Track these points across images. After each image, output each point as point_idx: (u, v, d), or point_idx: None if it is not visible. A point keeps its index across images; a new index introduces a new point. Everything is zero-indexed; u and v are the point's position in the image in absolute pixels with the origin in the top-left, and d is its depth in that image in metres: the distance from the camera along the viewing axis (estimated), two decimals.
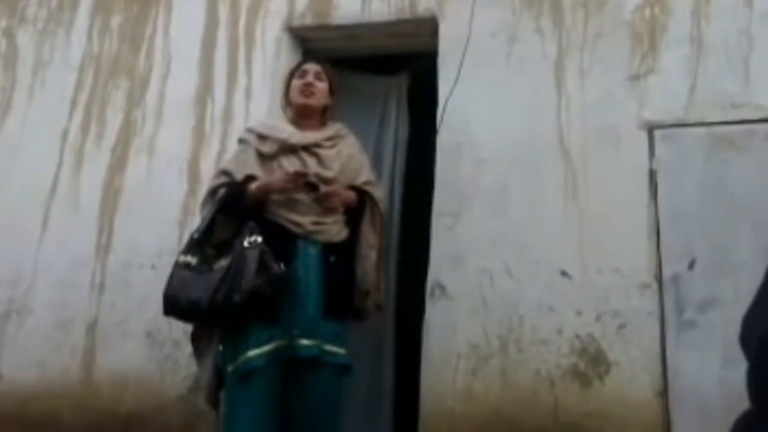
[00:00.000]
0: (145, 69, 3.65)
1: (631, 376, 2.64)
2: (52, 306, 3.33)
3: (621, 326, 2.69)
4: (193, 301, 2.42)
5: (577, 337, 2.72)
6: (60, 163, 3.57)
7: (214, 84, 3.53)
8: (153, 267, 3.23)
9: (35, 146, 3.63)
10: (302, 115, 2.79)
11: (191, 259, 2.52)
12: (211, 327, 2.56)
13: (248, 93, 3.46)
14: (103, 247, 3.37)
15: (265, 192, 2.57)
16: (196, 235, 2.57)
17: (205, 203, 2.71)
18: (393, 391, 3.24)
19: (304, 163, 2.65)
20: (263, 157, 2.67)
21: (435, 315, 2.89)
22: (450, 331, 2.84)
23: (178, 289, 2.47)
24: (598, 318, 2.72)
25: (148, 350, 3.14)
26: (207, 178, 3.30)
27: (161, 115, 3.54)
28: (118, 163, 3.51)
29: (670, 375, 2.60)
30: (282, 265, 2.46)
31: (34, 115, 3.71)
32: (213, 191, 2.68)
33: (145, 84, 3.63)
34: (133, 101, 3.61)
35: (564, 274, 2.79)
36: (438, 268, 2.94)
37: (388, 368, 3.24)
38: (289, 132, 2.72)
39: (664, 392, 2.59)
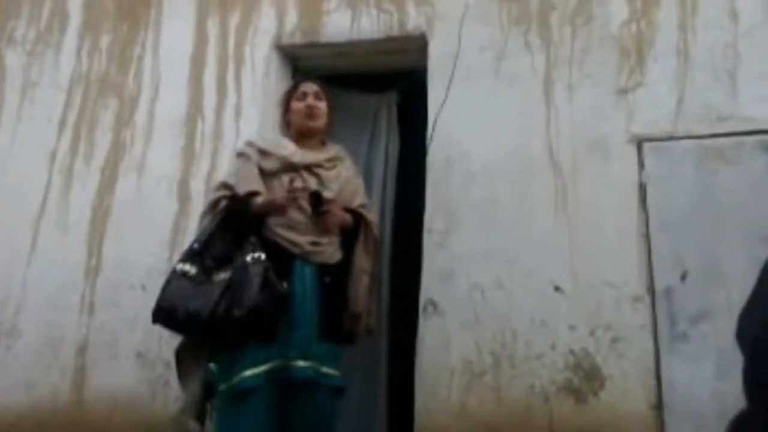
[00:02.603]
0: (134, 88, 3.65)
1: (625, 390, 2.63)
2: (42, 327, 3.29)
3: (614, 340, 2.69)
4: (192, 312, 2.38)
5: (571, 351, 2.71)
6: (49, 184, 3.55)
7: (204, 103, 3.52)
8: (143, 287, 3.21)
9: (24, 167, 3.61)
10: (304, 136, 2.81)
11: (190, 269, 2.48)
12: (201, 342, 2.53)
13: (238, 111, 3.46)
14: (93, 268, 3.34)
15: (270, 209, 2.56)
16: (196, 246, 2.55)
17: (205, 214, 2.69)
18: (387, 409, 3.21)
19: (304, 182, 2.66)
20: (264, 173, 2.67)
21: (428, 332, 2.87)
22: (443, 348, 2.83)
23: (175, 299, 2.43)
24: (591, 332, 2.71)
25: (139, 371, 3.11)
26: (197, 197, 3.31)
27: (150, 135, 3.53)
28: (108, 183, 3.49)
29: (664, 388, 2.59)
30: (286, 285, 2.45)
31: (22, 136, 3.69)
32: (214, 203, 2.66)
33: (134, 103, 3.62)
34: (122, 121, 3.60)
35: (557, 288, 2.79)
36: (430, 285, 2.93)
37: (382, 385, 3.22)
38: (291, 150, 2.73)
39: (658, 405, 2.59)
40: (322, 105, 2.84)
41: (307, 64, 3.62)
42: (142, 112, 3.59)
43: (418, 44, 3.34)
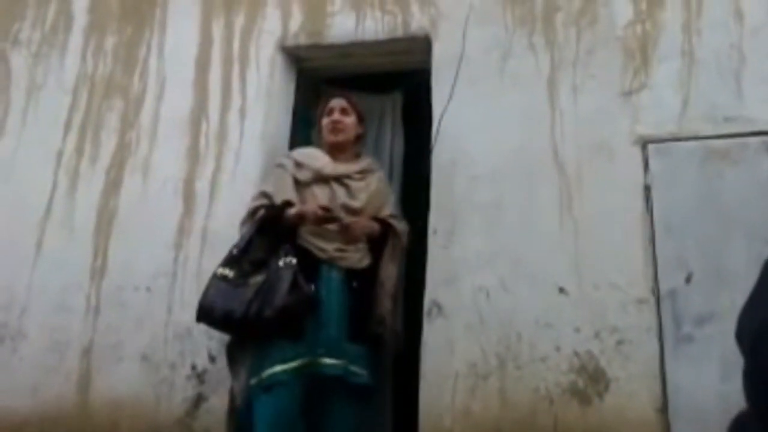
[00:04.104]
0: (140, 90, 3.65)
1: (630, 393, 2.62)
2: (47, 330, 3.30)
3: (619, 342, 2.68)
4: (227, 311, 2.60)
5: (576, 354, 2.70)
6: (54, 185, 3.56)
7: (209, 104, 3.52)
8: (148, 289, 3.22)
9: (29, 169, 3.62)
10: (335, 150, 2.99)
11: (229, 272, 2.69)
12: (240, 338, 2.71)
13: (243, 112, 3.46)
14: (98, 270, 3.35)
15: (300, 220, 2.76)
16: (235, 251, 2.74)
17: (244, 222, 2.88)
18: (392, 412, 3.21)
19: (333, 192, 2.86)
20: (298, 184, 2.88)
21: (432, 334, 2.87)
22: (448, 350, 2.83)
23: (213, 299, 2.65)
24: (596, 334, 2.70)
25: (144, 373, 3.12)
26: (202, 198, 3.32)
27: (156, 136, 3.54)
28: (113, 185, 3.50)
29: (669, 391, 2.58)
30: (313, 287, 2.64)
31: (28, 138, 3.70)
32: (253, 211, 2.85)
33: (139, 105, 3.62)
34: (128, 122, 3.60)
35: (561, 290, 2.78)
36: (434, 287, 2.93)
37: (387, 388, 3.21)
38: (323, 162, 2.94)
39: (663, 408, 2.58)
40: (348, 120, 3.02)
41: (311, 65, 3.62)
42: (147, 113, 3.60)
43: (422, 45, 3.34)
